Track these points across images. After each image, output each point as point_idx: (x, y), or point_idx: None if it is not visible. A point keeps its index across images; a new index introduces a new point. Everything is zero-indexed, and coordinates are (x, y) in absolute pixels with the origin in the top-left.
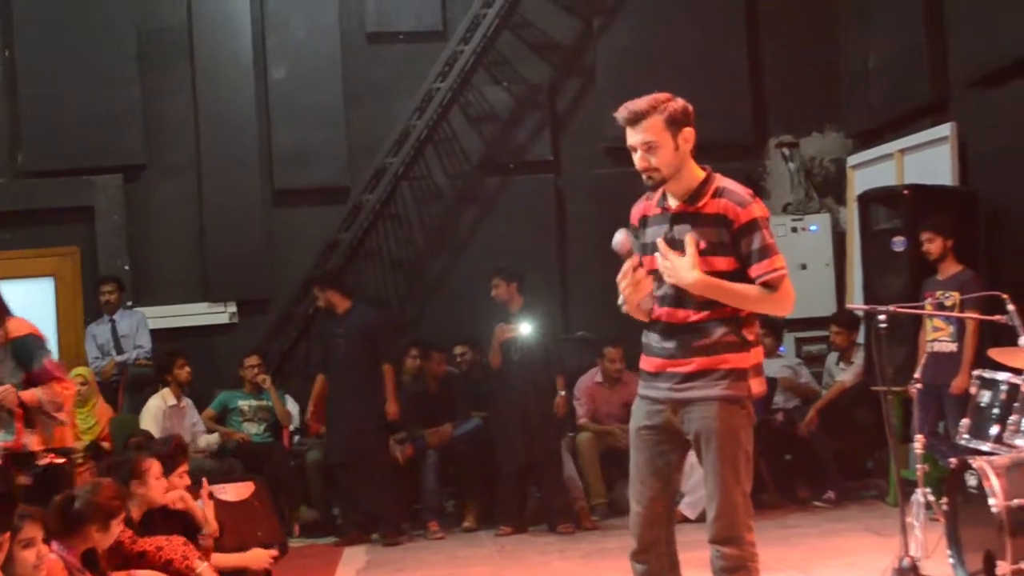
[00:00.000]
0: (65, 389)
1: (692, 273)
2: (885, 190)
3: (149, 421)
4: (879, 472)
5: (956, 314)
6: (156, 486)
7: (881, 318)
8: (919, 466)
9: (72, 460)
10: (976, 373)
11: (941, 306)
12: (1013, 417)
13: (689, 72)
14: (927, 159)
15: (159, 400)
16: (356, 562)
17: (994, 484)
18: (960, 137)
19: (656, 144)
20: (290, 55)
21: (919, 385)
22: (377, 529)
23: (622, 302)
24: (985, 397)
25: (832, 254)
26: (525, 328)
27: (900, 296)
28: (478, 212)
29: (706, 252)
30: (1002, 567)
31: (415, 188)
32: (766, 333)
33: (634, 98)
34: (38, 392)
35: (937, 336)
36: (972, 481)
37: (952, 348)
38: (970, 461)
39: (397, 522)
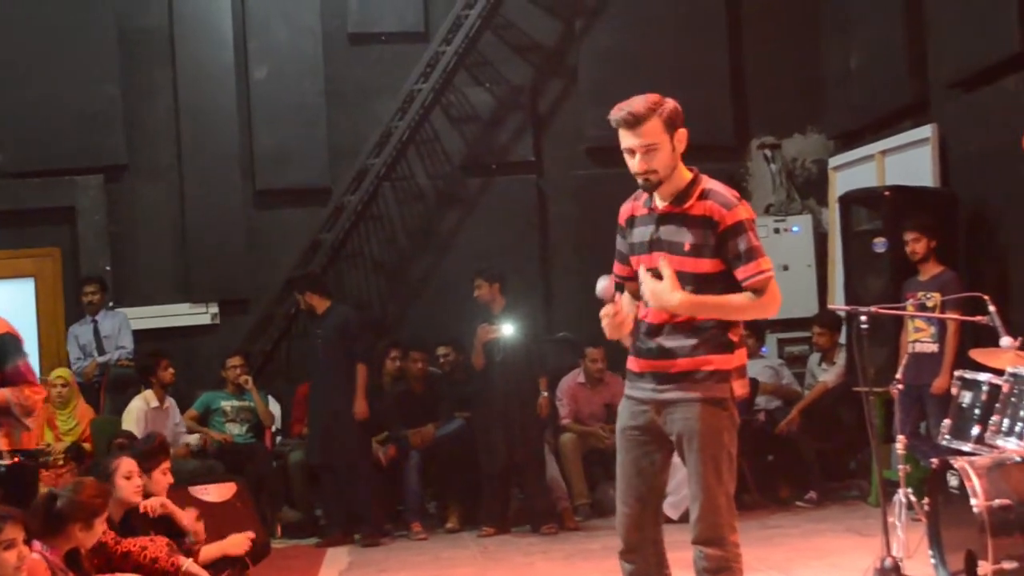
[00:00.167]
0: (35, 394)
1: (675, 296)
2: (866, 191)
3: (131, 423)
4: (861, 472)
5: (938, 315)
6: (125, 485)
7: (863, 319)
8: (901, 466)
9: (38, 463)
10: (957, 374)
11: (923, 307)
12: (994, 418)
13: (671, 73)
14: (908, 160)
15: (141, 402)
16: (339, 563)
17: (975, 484)
18: (941, 138)
19: (656, 147)
20: (272, 56)
21: (901, 386)
22: (359, 530)
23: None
24: (966, 398)
25: (814, 255)
26: (508, 329)
27: (881, 297)
28: (460, 213)
29: (691, 253)
30: (983, 567)
31: (397, 189)
32: (748, 334)
33: (616, 100)
34: (7, 392)
35: (919, 337)
36: (954, 481)
37: (933, 349)
38: (951, 461)
39: (379, 523)
